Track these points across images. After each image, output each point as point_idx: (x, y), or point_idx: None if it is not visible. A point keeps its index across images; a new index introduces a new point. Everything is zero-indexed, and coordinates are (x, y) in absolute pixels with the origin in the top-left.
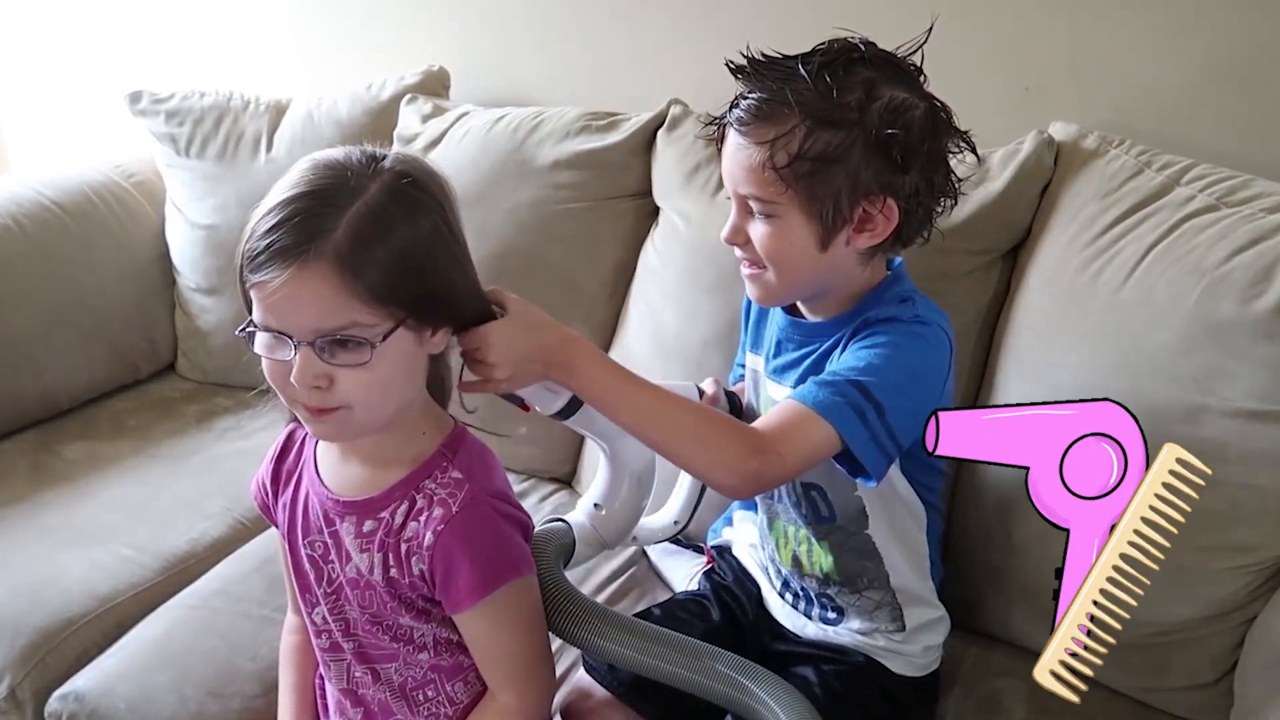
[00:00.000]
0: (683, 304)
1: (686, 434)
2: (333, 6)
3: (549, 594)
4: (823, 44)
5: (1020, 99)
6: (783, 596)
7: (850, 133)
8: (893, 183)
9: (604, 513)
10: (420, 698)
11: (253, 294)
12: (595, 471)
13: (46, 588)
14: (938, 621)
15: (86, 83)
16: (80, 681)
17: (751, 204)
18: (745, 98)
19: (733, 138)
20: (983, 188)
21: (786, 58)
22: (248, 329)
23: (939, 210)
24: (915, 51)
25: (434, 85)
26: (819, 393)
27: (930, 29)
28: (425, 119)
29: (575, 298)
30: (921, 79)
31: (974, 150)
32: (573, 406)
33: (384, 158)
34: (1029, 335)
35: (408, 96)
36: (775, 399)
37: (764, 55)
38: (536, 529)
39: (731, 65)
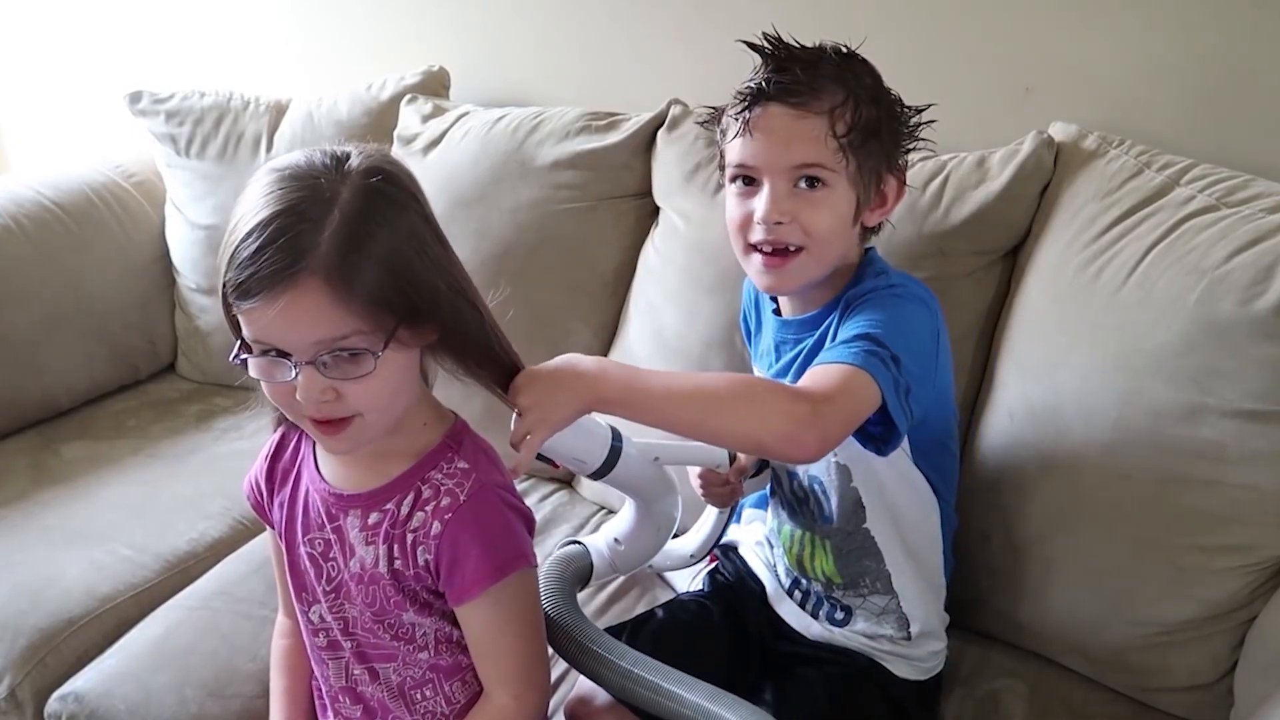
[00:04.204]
0: (683, 304)
1: (727, 398)
2: (333, 6)
3: (559, 627)
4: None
5: (1020, 99)
6: (790, 595)
7: (879, 110)
8: (900, 160)
9: (623, 548)
10: (418, 697)
11: (242, 319)
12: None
13: (46, 588)
14: (943, 627)
15: (86, 83)
16: (80, 682)
17: (806, 176)
18: (784, 74)
19: (779, 113)
20: (983, 188)
21: (803, 47)
22: (241, 356)
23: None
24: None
25: (434, 85)
26: (839, 352)
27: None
28: (425, 119)
29: (575, 298)
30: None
31: (924, 140)
32: (607, 466)
33: (348, 157)
34: (1029, 335)
35: (408, 96)
36: None
37: (791, 45)
38: (555, 553)
39: (758, 46)
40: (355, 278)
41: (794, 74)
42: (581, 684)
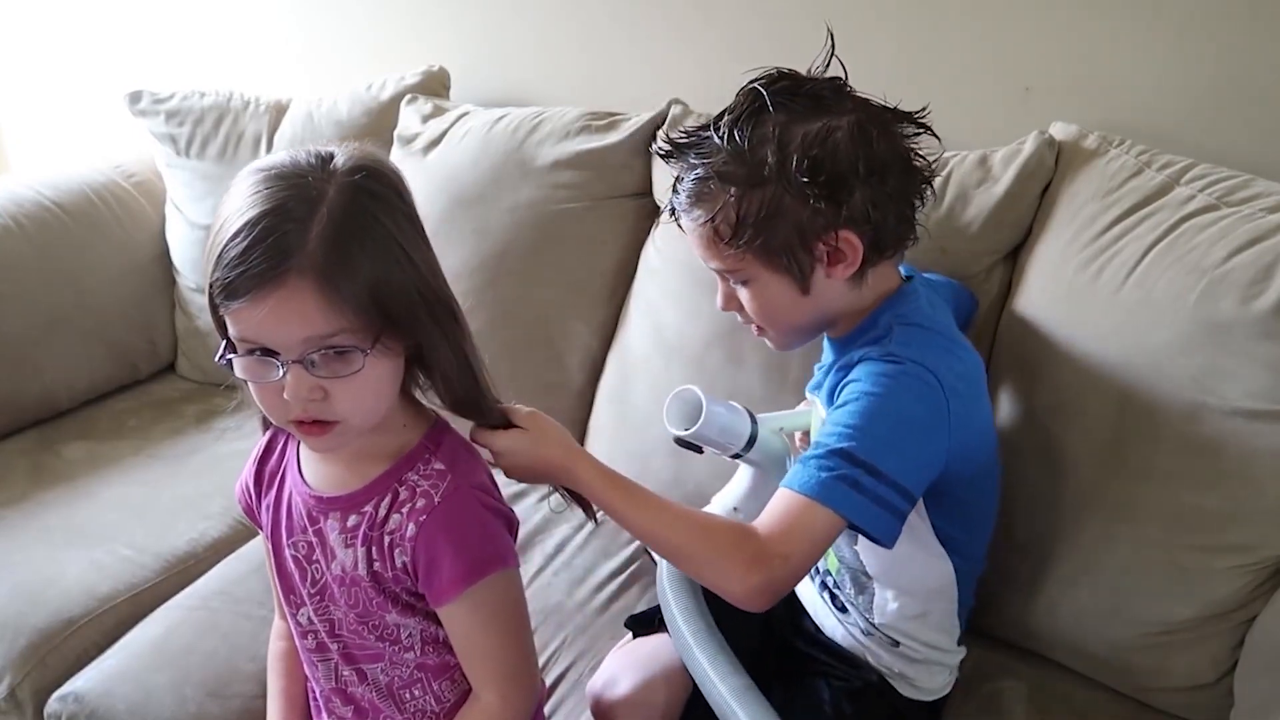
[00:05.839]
0: (683, 303)
1: (686, 555)
2: (333, 6)
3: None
4: (733, 101)
5: (1020, 99)
6: (811, 578)
7: (775, 186)
8: (839, 215)
9: (741, 515)
10: (407, 696)
11: (229, 319)
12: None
13: (46, 588)
14: (953, 658)
15: (86, 83)
16: (80, 682)
17: (725, 275)
18: (679, 181)
19: (684, 221)
20: (985, 187)
21: (700, 130)
22: (226, 356)
23: (920, 204)
24: (826, 66)
25: (434, 85)
26: (806, 474)
27: (832, 38)
28: (425, 119)
29: (575, 298)
30: (844, 85)
31: (928, 129)
32: (748, 447)
33: (333, 156)
34: (1030, 334)
35: (408, 96)
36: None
37: (683, 133)
38: None
39: (659, 152)
40: (343, 276)
41: (682, 183)
42: (601, 672)
